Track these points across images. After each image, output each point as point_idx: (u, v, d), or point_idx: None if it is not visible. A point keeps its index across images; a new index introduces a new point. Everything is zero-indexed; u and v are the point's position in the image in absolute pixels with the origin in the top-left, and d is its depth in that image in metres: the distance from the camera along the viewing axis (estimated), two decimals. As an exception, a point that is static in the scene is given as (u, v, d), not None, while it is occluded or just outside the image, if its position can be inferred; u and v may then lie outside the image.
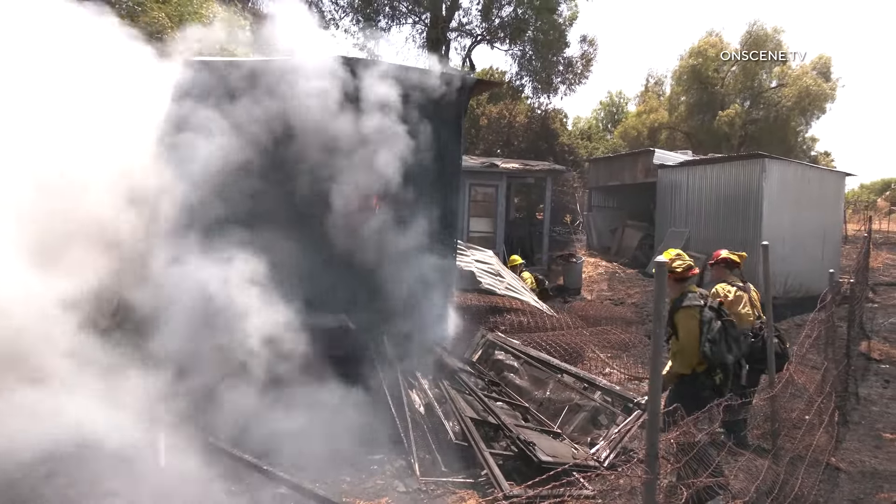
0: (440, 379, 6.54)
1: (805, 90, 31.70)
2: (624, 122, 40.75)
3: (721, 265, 6.59)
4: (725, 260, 6.58)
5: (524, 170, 18.35)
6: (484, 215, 17.24)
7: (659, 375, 3.04)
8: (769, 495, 4.30)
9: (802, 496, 4.74)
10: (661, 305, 3.02)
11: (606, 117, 47.29)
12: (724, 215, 15.97)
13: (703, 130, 33.57)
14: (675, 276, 4.99)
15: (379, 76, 6.85)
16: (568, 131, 32.15)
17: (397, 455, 5.61)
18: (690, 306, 4.87)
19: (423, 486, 5.04)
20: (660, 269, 2.97)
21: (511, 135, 26.13)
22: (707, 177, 16.82)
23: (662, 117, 36.64)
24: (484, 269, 10.73)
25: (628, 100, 46.76)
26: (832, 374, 6.72)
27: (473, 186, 17.03)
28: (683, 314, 4.88)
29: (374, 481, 5.18)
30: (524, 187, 21.83)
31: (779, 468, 4.74)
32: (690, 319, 4.85)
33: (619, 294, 15.70)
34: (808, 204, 15.43)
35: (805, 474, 5.02)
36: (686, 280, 5.06)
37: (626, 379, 8.40)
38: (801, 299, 13.72)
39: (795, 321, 12.34)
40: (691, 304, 4.88)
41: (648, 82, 42.62)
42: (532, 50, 26.36)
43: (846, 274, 15.10)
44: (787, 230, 14.80)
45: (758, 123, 33.20)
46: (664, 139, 35.36)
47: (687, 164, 18.38)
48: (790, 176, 15.38)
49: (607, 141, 39.95)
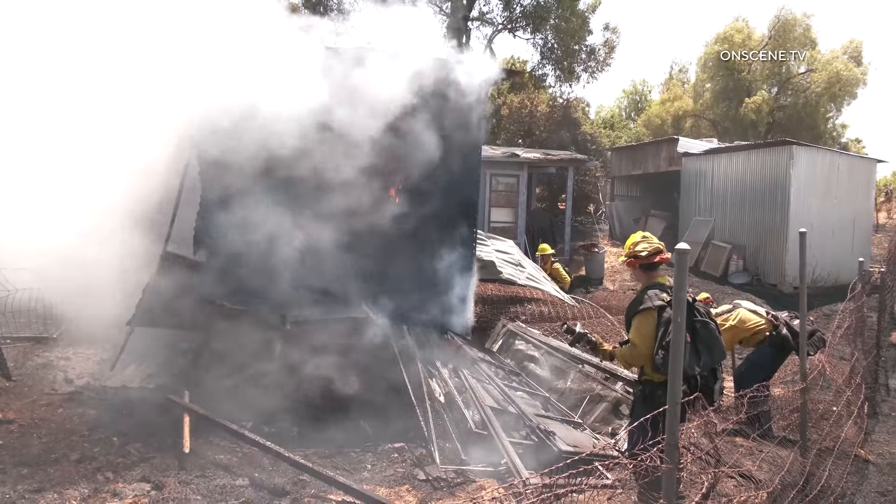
0: (460, 368, 6.54)
1: (835, 75, 30.85)
2: (647, 111, 40.14)
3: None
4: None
5: (546, 159, 18.21)
6: (505, 205, 17.16)
7: (679, 364, 2.99)
8: (795, 487, 4.23)
9: (829, 488, 4.65)
10: (681, 294, 2.97)
11: (630, 106, 46.63)
12: (751, 204, 15.68)
13: (729, 118, 32.90)
14: (641, 261, 4.20)
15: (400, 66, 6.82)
16: (590, 120, 31.79)
17: (417, 443, 5.63)
18: (649, 309, 3.98)
19: (443, 473, 5.05)
20: (680, 256, 2.91)
21: (532, 124, 25.88)
22: (733, 165, 16.53)
23: (687, 105, 36.00)
24: (504, 258, 10.69)
25: (652, 88, 46.05)
26: (861, 364, 6.58)
27: (494, 177, 16.96)
28: (640, 318, 4.03)
29: (395, 469, 5.21)
30: (546, 177, 21.67)
31: (805, 460, 4.66)
32: (647, 321, 3.99)
33: (642, 284, 15.54)
34: (838, 192, 15.10)
35: (833, 466, 4.93)
36: (654, 267, 4.22)
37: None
38: (829, 289, 13.43)
39: (824, 311, 12.10)
40: (650, 305, 3.99)
41: (672, 69, 41.95)
42: (554, 38, 26.03)
43: (877, 263, 14.74)
44: (815, 218, 14.49)
45: (786, 110, 32.44)
46: (689, 127, 34.77)
47: (712, 151, 18.07)
48: (819, 163, 15.04)
49: (630, 130, 39.41)
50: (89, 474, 4.32)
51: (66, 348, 7.36)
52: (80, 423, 5.13)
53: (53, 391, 5.93)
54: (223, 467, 4.67)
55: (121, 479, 4.30)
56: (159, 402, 5.56)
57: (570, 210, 18.63)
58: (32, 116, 6.04)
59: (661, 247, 4.25)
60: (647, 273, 4.22)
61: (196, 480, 4.40)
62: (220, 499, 4.21)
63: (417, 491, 4.80)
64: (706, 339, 3.95)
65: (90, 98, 5.93)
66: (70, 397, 5.74)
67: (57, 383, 6.24)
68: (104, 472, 4.38)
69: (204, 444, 4.96)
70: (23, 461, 4.36)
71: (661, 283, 4.17)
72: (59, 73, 5.87)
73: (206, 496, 4.21)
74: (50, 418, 5.15)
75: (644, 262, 4.19)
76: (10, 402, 5.33)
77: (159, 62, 5.81)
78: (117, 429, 5.09)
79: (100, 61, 5.89)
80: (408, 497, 4.69)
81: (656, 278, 4.19)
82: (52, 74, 5.95)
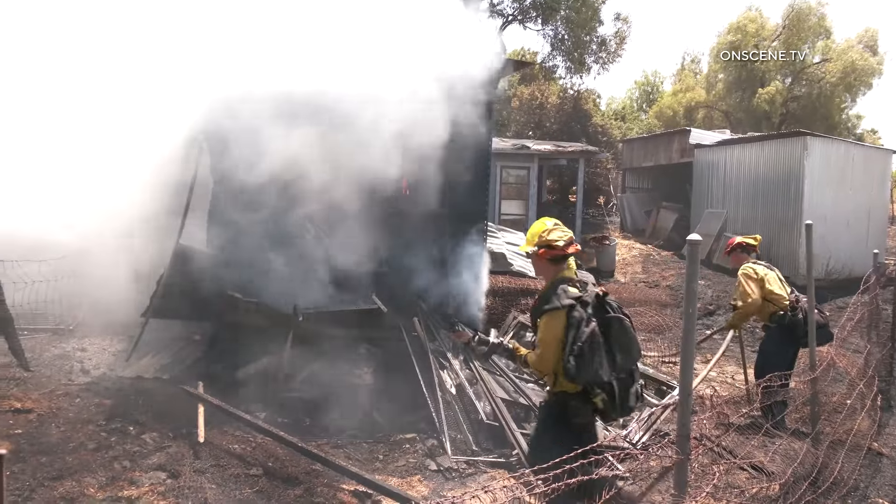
0: (471, 360, 6.57)
1: (850, 65, 30.44)
2: (659, 102, 39.83)
3: (738, 250, 6.47)
4: (741, 244, 6.48)
5: (556, 151, 18.16)
6: (516, 198, 17.15)
7: (691, 355, 2.98)
8: (807, 479, 4.22)
9: (842, 480, 4.64)
10: (693, 285, 2.96)
11: (641, 97, 46.29)
12: (764, 195, 15.55)
13: (742, 109, 32.59)
14: (555, 252, 3.59)
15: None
16: (601, 112, 31.63)
17: (429, 434, 5.67)
18: (557, 308, 3.44)
19: (455, 464, 5.09)
20: (692, 247, 2.91)
21: (543, 116, 25.81)
22: (746, 156, 16.39)
23: (699, 96, 35.69)
24: (515, 250, 10.68)
25: (664, 79, 45.68)
26: (875, 357, 6.53)
27: (505, 169, 16.94)
28: (547, 318, 3.47)
29: (406, 459, 5.25)
30: (556, 169, 21.60)
31: (818, 452, 4.64)
32: (555, 322, 3.43)
33: (654, 276, 15.50)
34: (853, 183, 14.94)
35: (845, 459, 4.91)
36: (563, 259, 3.64)
37: (660, 362, 8.32)
38: (843, 281, 13.33)
39: (837, 304, 12.02)
40: (558, 304, 3.44)
41: (685, 60, 41.56)
42: (565, 29, 25.90)
43: (892, 255, 14.59)
44: (829, 210, 14.36)
45: (800, 101, 32.08)
46: (701, 118, 34.49)
47: (725, 143, 17.93)
48: (833, 154, 14.88)
49: (642, 121, 39.16)
50: (106, 463, 4.38)
51: (82, 339, 7.46)
52: (96, 413, 5.20)
53: (70, 381, 6.02)
54: (237, 456, 4.73)
55: (137, 468, 4.37)
56: (174, 393, 5.63)
57: (580, 202, 18.59)
58: (50, 116, 6.15)
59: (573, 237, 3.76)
60: (555, 266, 3.64)
61: (211, 469, 4.46)
62: (234, 487, 4.27)
63: (429, 481, 4.85)
64: (621, 337, 3.44)
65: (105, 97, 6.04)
66: (87, 387, 5.82)
67: (74, 374, 6.33)
68: (121, 460, 4.44)
69: (218, 434, 5.02)
70: (42, 449, 4.44)
71: (568, 276, 3.61)
72: (76, 74, 5.97)
73: (220, 485, 4.27)
74: (67, 408, 5.23)
75: (558, 253, 3.61)
76: (29, 391, 5.41)
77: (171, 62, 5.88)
78: (133, 418, 5.16)
79: (116, 64, 6.00)
80: (419, 487, 4.74)
81: (563, 271, 3.63)
82: (69, 76, 6.07)
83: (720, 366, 8.84)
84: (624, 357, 3.44)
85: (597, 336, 3.38)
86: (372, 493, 4.42)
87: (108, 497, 3.94)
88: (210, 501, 4.03)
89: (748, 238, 6.55)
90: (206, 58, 5.83)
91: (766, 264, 6.41)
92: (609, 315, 3.47)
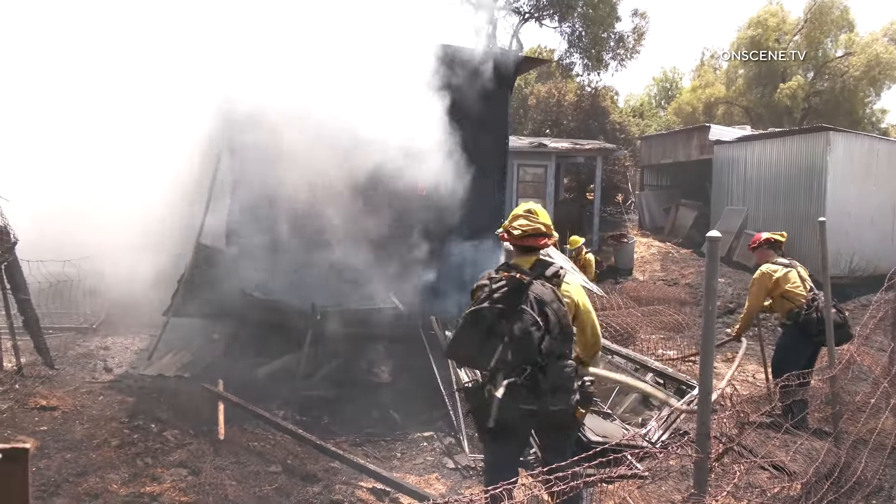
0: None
1: (875, 58, 29.83)
2: (678, 98, 39.40)
3: (765, 246, 6.42)
4: (769, 241, 6.42)
5: (574, 149, 18.05)
6: (533, 196, 17.07)
7: (711, 354, 2.96)
8: (829, 478, 4.15)
9: (865, 480, 4.56)
10: (713, 282, 2.93)
11: (660, 94, 45.81)
12: (786, 192, 15.31)
13: (763, 104, 32.10)
14: (510, 240, 3.52)
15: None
16: (619, 109, 31.35)
17: (446, 432, 5.68)
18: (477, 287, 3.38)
19: (473, 462, 5.09)
20: (712, 243, 2.88)
21: (560, 114, 25.65)
22: (767, 152, 16.15)
23: (719, 92, 35.21)
24: (532, 249, 10.64)
25: (682, 75, 45.18)
26: (900, 355, 6.40)
27: (522, 167, 16.89)
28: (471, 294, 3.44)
29: (424, 457, 5.27)
30: (574, 167, 21.48)
31: (840, 451, 4.57)
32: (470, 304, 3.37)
33: (673, 274, 15.35)
34: (877, 178, 14.63)
35: (869, 458, 4.83)
36: (524, 250, 3.51)
37: (680, 360, 8.23)
38: (867, 278, 13.09)
39: (861, 301, 11.81)
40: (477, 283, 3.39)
41: (704, 55, 41.04)
42: (582, 26, 25.73)
43: (918, 252, 14.29)
44: (853, 206, 14.09)
45: (822, 95, 31.51)
46: (721, 115, 34.03)
47: (745, 139, 17.69)
48: (857, 149, 14.60)
49: (660, 118, 38.75)
50: (129, 459, 4.46)
51: (105, 338, 7.59)
52: (119, 410, 5.29)
53: (94, 379, 6.13)
54: (257, 454, 4.78)
55: (159, 465, 4.43)
56: (195, 391, 5.71)
57: (598, 200, 18.46)
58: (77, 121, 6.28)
59: (545, 229, 3.47)
60: (515, 252, 3.54)
61: (231, 466, 4.52)
62: (254, 484, 4.31)
63: (447, 479, 4.85)
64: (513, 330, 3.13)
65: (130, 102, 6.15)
66: (110, 385, 5.93)
67: (97, 372, 6.44)
68: (143, 457, 4.51)
69: (238, 432, 5.08)
70: (66, 446, 4.53)
71: (515, 263, 3.45)
72: (104, 84, 6.10)
73: (240, 482, 4.32)
74: (91, 405, 5.32)
75: (513, 242, 3.48)
76: (54, 389, 5.52)
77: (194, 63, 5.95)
78: (155, 416, 5.24)
79: (139, 75, 6.11)
80: (437, 485, 4.75)
81: (515, 257, 3.49)
82: (98, 86, 6.20)
83: (740, 364, 8.74)
84: (511, 348, 3.12)
85: (479, 316, 3.17)
86: (390, 491, 4.44)
87: (131, 493, 4.01)
88: (230, 498, 4.07)
89: (776, 234, 6.47)
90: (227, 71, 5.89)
91: (788, 261, 6.36)
92: (518, 306, 3.18)
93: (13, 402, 5.08)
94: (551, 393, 3.20)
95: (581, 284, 4.03)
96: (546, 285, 3.31)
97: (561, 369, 3.24)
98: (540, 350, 3.14)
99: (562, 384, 3.24)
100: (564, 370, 3.26)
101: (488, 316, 3.18)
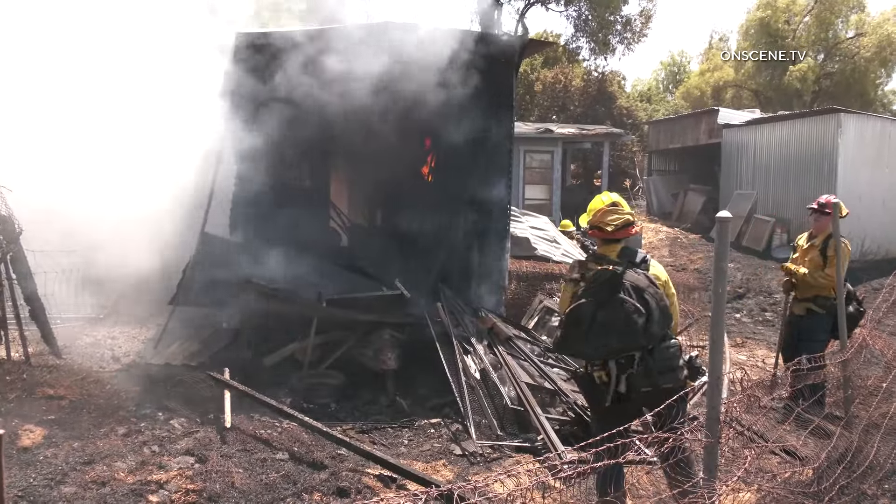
0: (495, 345, 6.53)
1: (886, 39, 29.36)
2: (686, 83, 38.96)
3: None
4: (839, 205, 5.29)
5: (580, 135, 17.91)
6: (539, 182, 16.99)
7: (721, 338, 2.90)
8: (841, 463, 4.10)
9: (878, 465, 4.50)
10: (723, 264, 2.87)
11: (667, 78, 45.37)
12: (796, 175, 15.13)
13: (773, 87, 31.72)
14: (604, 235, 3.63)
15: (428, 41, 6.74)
16: (626, 94, 31.08)
17: (453, 419, 5.66)
18: (566, 282, 3.68)
19: (480, 449, 5.07)
20: (721, 224, 2.82)
21: (567, 99, 25.45)
22: (776, 135, 15.95)
23: (728, 75, 34.79)
24: (539, 235, 10.58)
25: (691, 58, 44.70)
26: (913, 339, 6.32)
27: (528, 153, 16.77)
28: (562, 289, 3.75)
29: (431, 444, 5.25)
30: (581, 153, 21.33)
31: (852, 435, 4.51)
32: (564, 295, 3.67)
33: (682, 260, 15.24)
34: (890, 161, 14.42)
35: (881, 442, 4.76)
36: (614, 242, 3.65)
37: (688, 346, 8.17)
38: (879, 262, 12.93)
39: (873, 285, 11.65)
40: (567, 278, 3.67)
41: (712, 38, 40.53)
42: (588, 10, 25.47)
43: (931, 235, 14.11)
44: (864, 189, 13.89)
45: (832, 77, 31.11)
46: (729, 98, 33.66)
47: (754, 122, 17.47)
48: (869, 131, 14.39)
49: (668, 102, 38.42)
50: (136, 448, 4.46)
51: (112, 328, 7.61)
52: (126, 399, 5.30)
53: (101, 368, 6.14)
54: (263, 442, 4.77)
55: (166, 453, 4.43)
56: (201, 379, 5.71)
57: (606, 186, 18.32)
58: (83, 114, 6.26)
59: (631, 218, 3.63)
60: (604, 245, 3.66)
61: (238, 454, 4.51)
62: (260, 472, 4.31)
63: (454, 466, 4.84)
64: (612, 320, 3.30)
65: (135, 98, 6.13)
66: (117, 374, 5.94)
67: (104, 361, 6.45)
68: (150, 445, 4.52)
69: (244, 420, 5.07)
70: (74, 435, 4.53)
71: (602, 254, 3.63)
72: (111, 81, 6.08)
73: (247, 469, 4.31)
74: (98, 394, 5.33)
75: (608, 237, 3.61)
76: (61, 378, 5.52)
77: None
78: (162, 404, 5.24)
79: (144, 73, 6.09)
80: (444, 472, 4.73)
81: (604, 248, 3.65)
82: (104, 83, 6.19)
83: (750, 349, 8.67)
84: (616, 338, 3.31)
85: (581, 312, 3.35)
86: (397, 478, 4.42)
87: (138, 481, 4.01)
88: (237, 485, 4.07)
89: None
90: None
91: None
92: (616, 296, 3.33)
93: (21, 391, 5.09)
94: (660, 374, 3.40)
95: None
96: (638, 272, 3.47)
97: (666, 349, 3.45)
98: (645, 334, 3.33)
99: (669, 364, 3.45)
100: (669, 350, 3.47)
101: (590, 310, 3.34)
